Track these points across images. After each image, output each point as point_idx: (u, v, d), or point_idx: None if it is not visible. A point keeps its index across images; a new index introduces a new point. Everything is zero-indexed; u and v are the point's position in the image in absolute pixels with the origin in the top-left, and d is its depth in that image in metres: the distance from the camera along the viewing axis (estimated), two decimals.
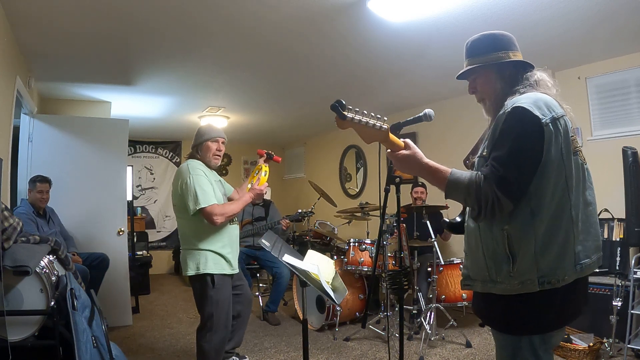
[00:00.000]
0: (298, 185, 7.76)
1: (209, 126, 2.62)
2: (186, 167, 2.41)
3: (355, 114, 1.22)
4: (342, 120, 1.21)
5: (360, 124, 1.22)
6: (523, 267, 1.21)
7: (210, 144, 2.50)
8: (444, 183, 1.27)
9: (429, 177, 1.32)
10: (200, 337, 2.45)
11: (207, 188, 2.35)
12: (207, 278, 2.38)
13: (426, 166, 1.30)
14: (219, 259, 2.41)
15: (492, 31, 1.42)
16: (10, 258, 1.87)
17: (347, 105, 1.21)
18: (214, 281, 2.38)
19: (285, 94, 4.58)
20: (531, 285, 1.20)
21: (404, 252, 3.46)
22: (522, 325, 1.25)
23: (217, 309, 2.40)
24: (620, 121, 3.42)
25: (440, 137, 4.67)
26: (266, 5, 2.51)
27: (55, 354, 1.96)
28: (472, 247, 1.36)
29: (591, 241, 1.27)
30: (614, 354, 2.80)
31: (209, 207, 2.30)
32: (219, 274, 2.40)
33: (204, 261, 2.37)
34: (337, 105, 1.19)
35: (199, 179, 2.34)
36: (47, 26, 2.72)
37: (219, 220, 2.32)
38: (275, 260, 3.90)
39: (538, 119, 1.19)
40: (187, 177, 2.34)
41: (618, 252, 3.12)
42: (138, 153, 7.05)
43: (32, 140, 3.66)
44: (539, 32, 2.87)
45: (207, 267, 2.37)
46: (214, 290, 2.39)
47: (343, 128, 1.24)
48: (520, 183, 1.19)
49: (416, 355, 3.08)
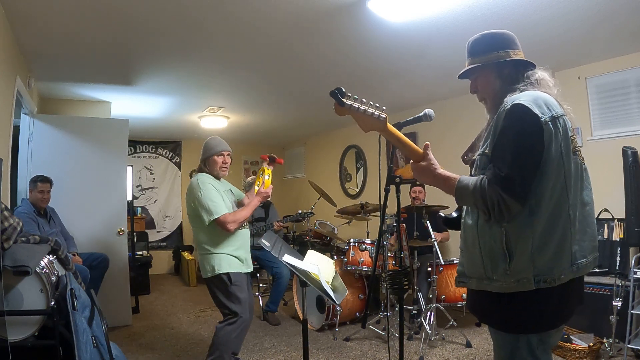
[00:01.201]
0: (298, 185, 7.76)
1: (214, 140, 2.74)
2: (196, 182, 2.57)
3: (354, 102, 1.25)
4: (340, 107, 1.24)
5: (359, 111, 1.25)
6: (519, 265, 1.21)
7: (216, 158, 2.66)
8: (453, 191, 1.31)
9: (442, 187, 1.36)
10: (219, 329, 2.54)
11: (217, 200, 2.52)
12: (224, 277, 2.52)
13: (439, 176, 1.34)
14: (232, 260, 2.57)
15: (494, 30, 1.42)
16: (10, 258, 1.87)
17: (346, 93, 1.23)
18: (231, 279, 2.53)
19: (286, 93, 4.58)
20: (527, 284, 1.21)
21: (404, 252, 3.46)
22: (518, 324, 1.25)
23: (239, 304, 2.53)
24: (620, 121, 3.42)
25: (440, 137, 4.67)
26: (266, 5, 2.51)
27: (55, 354, 1.96)
28: (469, 244, 1.36)
29: (588, 241, 1.27)
30: (614, 354, 2.80)
31: (222, 217, 2.48)
32: (234, 272, 2.55)
33: (218, 263, 2.53)
34: (337, 92, 1.22)
35: (209, 192, 2.51)
36: (47, 26, 2.72)
37: (232, 227, 2.51)
38: (275, 260, 3.91)
39: (537, 117, 1.19)
40: (198, 192, 2.51)
41: (618, 252, 3.11)
42: (138, 153, 7.05)
43: (32, 140, 3.66)
44: (539, 32, 2.87)
45: (221, 267, 2.52)
46: (233, 287, 2.53)
47: (341, 115, 1.27)
48: (524, 182, 1.19)
49: (416, 355, 3.08)
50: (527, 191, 1.19)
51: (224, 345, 2.48)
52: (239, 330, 2.53)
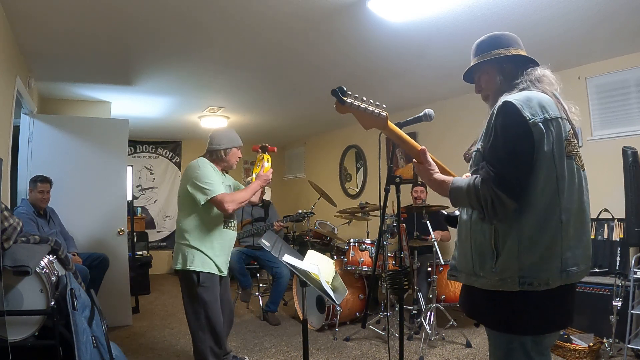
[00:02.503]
0: (298, 185, 7.75)
1: (233, 132, 2.71)
2: (196, 163, 2.52)
3: (354, 100, 1.26)
4: (341, 106, 1.25)
5: (359, 109, 1.26)
6: (505, 263, 1.22)
7: (236, 150, 2.68)
8: (447, 194, 1.33)
9: (438, 190, 1.38)
10: (194, 337, 2.48)
11: (215, 180, 2.45)
12: (193, 275, 2.42)
13: (434, 180, 1.38)
14: (206, 260, 2.46)
15: (497, 32, 1.45)
16: (10, 258, 1.87)
17: (347, 91, 1.24)
18: (199, 279, 2.42)
19: (286, 94, 4.58)
20: (511, 284, 1.20)
21: (404, 252, 3.46)
22: (503, 323, 1.26)
23: (205, 307, 2.43)
24: (620, 121, 3.42)
25: (440, 137, 4.67)
26: (266, 6, 2.51)
27: (55, 354, 1.96)
28: (462, 239, 1.38)
29: (582, 249, 1.26)
30: (614, 354, 2.80)
31: (219, 196, 2.38)
32: (205, 272, 2.44)
33: (191, 258, 2.43)
34: (337, 91, 1.24)
35: (208, 172, 2.46)
36: (47, 26, 2.72)
37: (230, 206, 2.39)
38: (275, 260, 3.91)
39: (523, 117, 1.19)
40: (196, 170, 2.45)
41: (618, 252, 3.12)
42: (138, 153, 7.05)
43: (32, 140, 3.66)
44: (539, 32, 2.87)
45: (193, 264, 2.42)
46: (200, 288, 2.42)
47: (342, 113, 1.28)
48: (517, 179, 1.19)
49: (416, 355, 3.08)
50: (520, 187, 1.19)
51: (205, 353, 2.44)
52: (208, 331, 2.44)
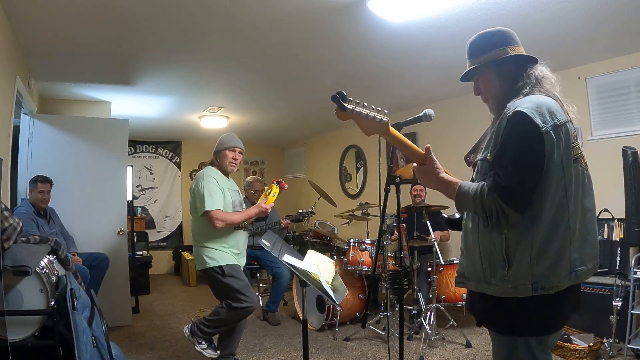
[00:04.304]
0: (298, 185, 7.75)
1: (229, 135, 2.82)
2: (202, 173, 2.67)
3: (355, 106, 1.23)
4: (342, 112, 1.22)
5: (360, 115, 1.23)
6: (518, 272, 1.21)
7: (227, 152, 2.74)
8: (454, 196, 1.30)
9: (444, 191, 1.35)
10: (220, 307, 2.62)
11: (216, 195, 2.58)
12: (217, 270, 2.59)
13: (441, 180, 1.34)
14: (223, 254, 2.62)
15: (490, 29, 1.42)
16: (10, 258, 1.87)
17: (347, 97, 1.22)
18: (224, 271, 2.58)
19: (285, 93, 4.58)
20: (524, 290, 1.21)
21: (404, 252, 3.46)
22: (513, 327, 1.26)
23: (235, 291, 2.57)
24: (620, 121, 3.42)
25: (440, 137, 4.67)
26: (266, 6, 2.51)
27: (55, 354, 1.96)
28: (469, 247, 1.36)
29: (588, 248, 1.26)
30: (614, 354, 2.80)
31: (213, 212, 2.53)
32: (226, 264, 2.60)
33: (209, 256, 2.60)
34: (338, 97, 1.21)
35: (210, 185, 2.58)
36: (47, 26, 2.72)
37: (218, 224, 2.54)
38: (275, 260, 3.91)
39: (538, 126, 1.17)
40: (201, 182, 2.60)
41: (618, 252, 3.12)
42: (138, 153, 7.04)
43: (32, 140, 3.66)
44: (539, 32, 2.87)
45: (213, 261, 2.59)
46: (227, 279, 2.58)
47: (343, 119, 1.25)
48: (524, 193, 1.18)
49: (416, 355, 3.08)
50: (527, 202, 1.19)
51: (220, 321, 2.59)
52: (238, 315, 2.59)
